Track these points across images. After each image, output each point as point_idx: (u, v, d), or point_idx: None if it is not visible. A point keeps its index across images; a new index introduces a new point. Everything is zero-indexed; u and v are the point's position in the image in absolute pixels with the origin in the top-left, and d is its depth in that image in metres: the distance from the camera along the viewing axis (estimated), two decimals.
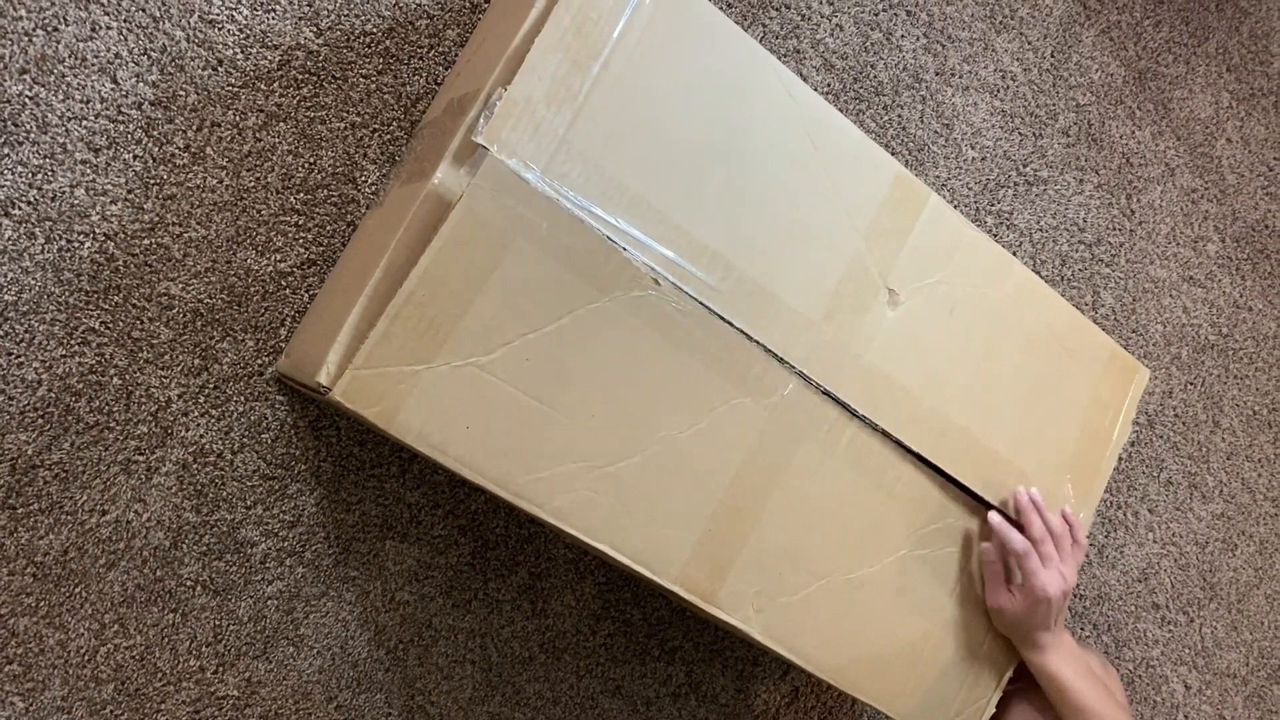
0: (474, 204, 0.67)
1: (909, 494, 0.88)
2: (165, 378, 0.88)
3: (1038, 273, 1.29)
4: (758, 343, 0.79)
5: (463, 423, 0.70)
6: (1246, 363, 1.44)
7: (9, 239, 0.83)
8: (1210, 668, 1.41)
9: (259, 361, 0.91)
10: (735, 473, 0.79)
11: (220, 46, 0.89)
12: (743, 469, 0.79)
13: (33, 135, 0.83)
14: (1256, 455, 1.45)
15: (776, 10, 1.13)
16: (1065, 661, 0.90)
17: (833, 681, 0.86)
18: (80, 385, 0.85)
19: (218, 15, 0.89)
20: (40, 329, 0.84)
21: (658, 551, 0.77)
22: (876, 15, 1.19)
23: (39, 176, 0.83)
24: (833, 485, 0.83)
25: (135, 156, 0.86)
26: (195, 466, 0.89)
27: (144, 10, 0.86)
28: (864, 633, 0.87)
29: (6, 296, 0.83)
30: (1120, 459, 1.35)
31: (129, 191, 0.86)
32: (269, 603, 0.92)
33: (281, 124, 0.91)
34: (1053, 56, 1.31)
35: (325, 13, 0.92)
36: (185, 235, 0.88)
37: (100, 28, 0.85)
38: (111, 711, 0.87)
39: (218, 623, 0.91)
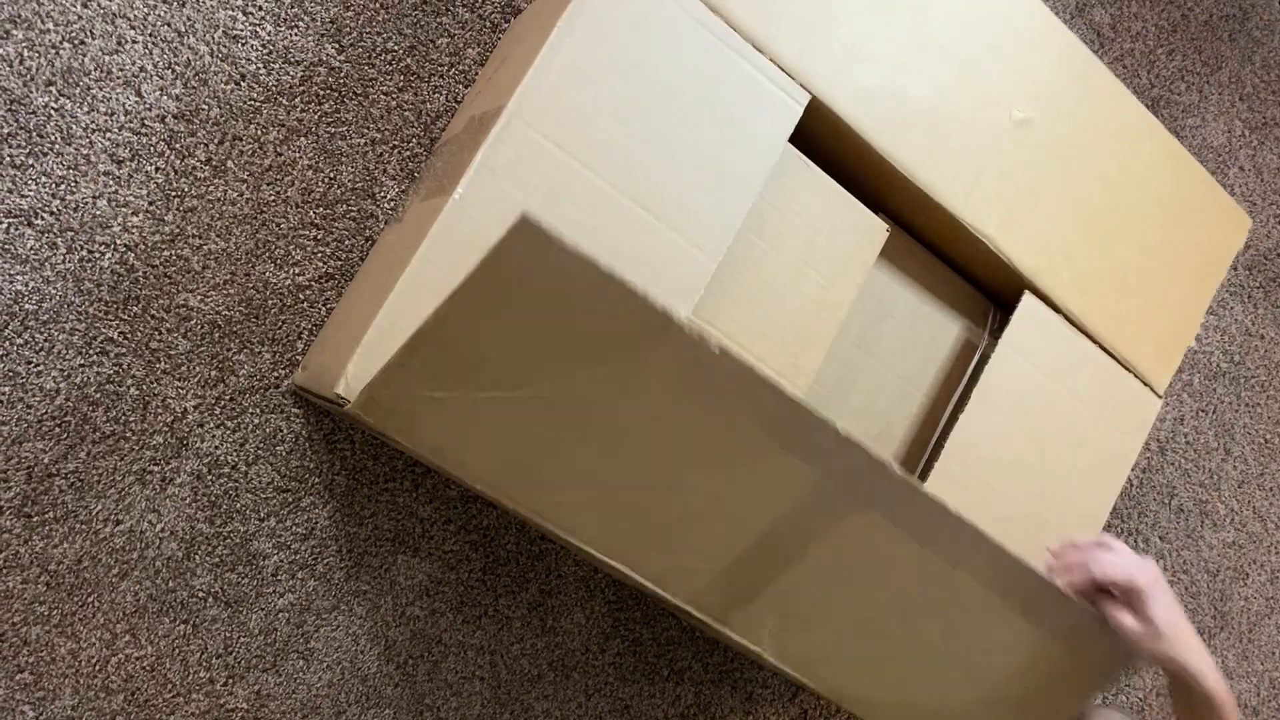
0: (514, 244, 0.63)
1: (977, 568, 0.79)
2: (182, 389, 0.88)
3: None
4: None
5: (481, 440, 0.70)
6: (1258, 390, 1.44)
7: (31, 248, 0.83)
8: None
9: (275, 374, 0.91)
10: (772, 523, 0.74)
11: (243, 61, 0.90)
12: (782, 521, 0.74)
13: (57, 146, 0.84)
14: (1268, 483, 1.44)
15: None
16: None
17: (844, 704, 0.86)
18: (98, 395, 0.86)
19: (241, 31, 0.90)
20: (60, 338, 0.84)
21: (676, 575, 0.75)
22: None
23: (62, 187, 0.84)
24: (887, 551, 0.77)
25: (157, 169, 0.87)
26: (210, 478, 0.89)
27: (169, 25, 0.87)
28: (890, 674, 0.83)
29: (27, 305, 0.83)
30: (1131, 485, 1.34)
31: (150, 203, 0.87)
32: (280, 615, 0.92)
33: (302, 139, 0.92)
34: None
35: (348, 30, 0.93)
36: (205, 247, 0.89)
37: (126, 41, 0.86)
38: None
39: (228, 635, 0.91)
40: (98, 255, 0.85)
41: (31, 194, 0.83)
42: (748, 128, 0.80)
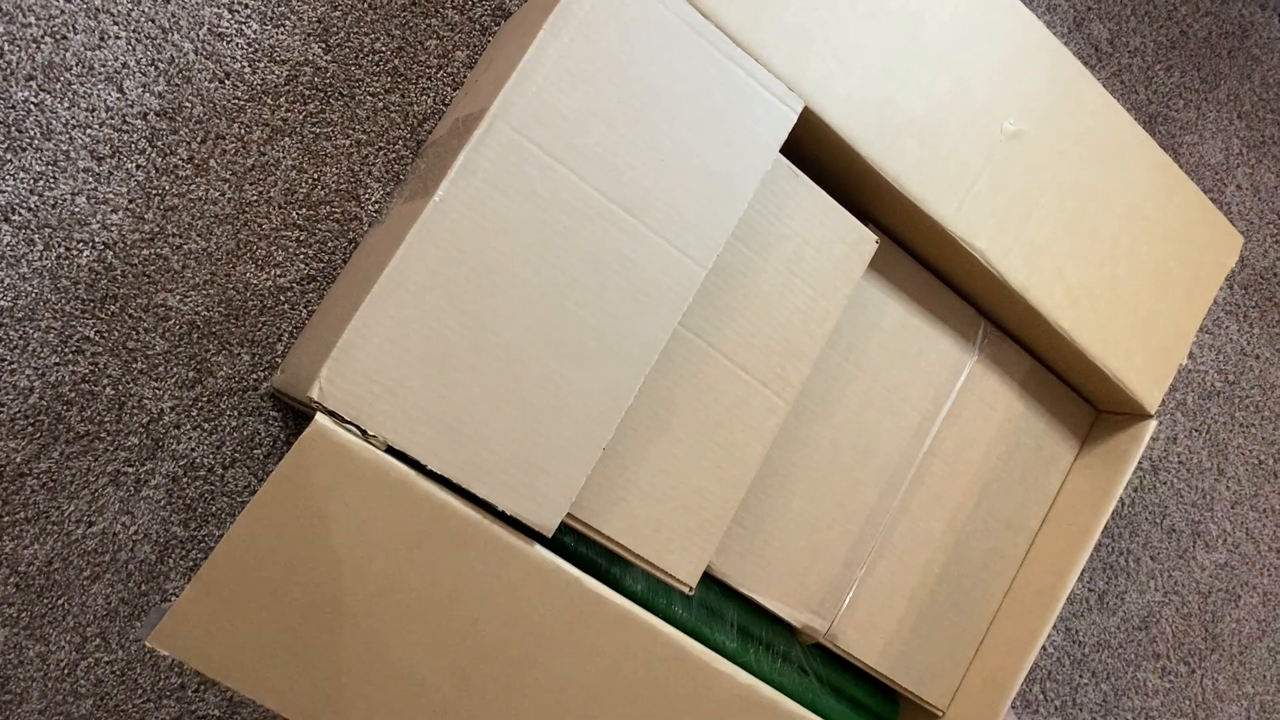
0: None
1: None
2: (159, 389, 0.87)
3: None
4: None
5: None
6: (1253, 411, 1.43)
7: (8, 244, 0.82)
8: None
9: (254, 376, 0.90)
10: None
11: (228, 59, 0.89)
12: None
13: (36, 141, 0.83)
14: (1261, 505, 1.43)
15: None
16: None
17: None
18: (72, 394, 0.84)
19: (227, 28, 0.89)
20: (35, 336, 0.83)
21: None
22: None
23: (41, 183, 0.83)
24: None
25: (138, 166, 0.86)
26: (185, 480, 0.88)
27: (153, 21, 0.86)
28: None
29: (2, 302, 0.82)
30: (1123, 504, 1.33)
31: (130, 201, 0.86)
32: None
33: (286, 139, 0.91)
34: None
35: (335, 30, 0.92)
36: (185, 247, 0.87)
37: (109, 37, 0.85)
38: None
39: None
40: (75, 253, 0.84)
41: (9, 189, 0.82)
42: (740, 133, 0.79)
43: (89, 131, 0.84)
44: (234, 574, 0.64)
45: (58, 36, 0.84)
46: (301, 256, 0.91)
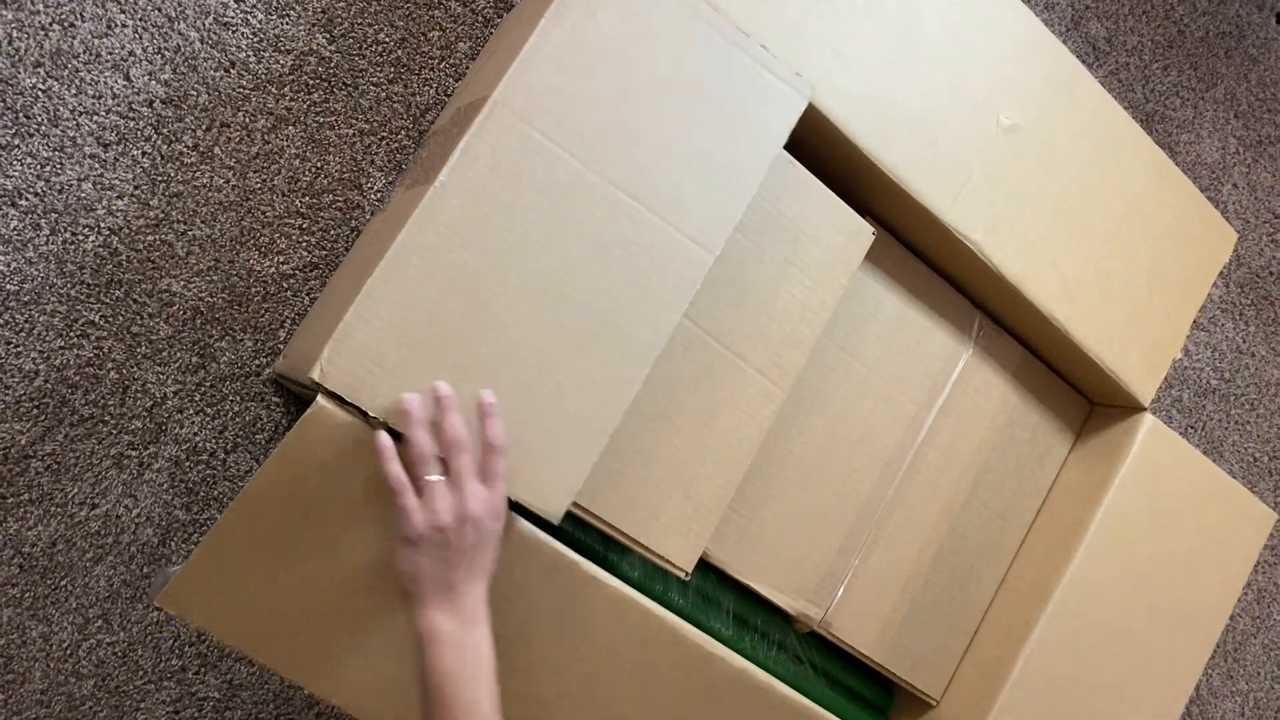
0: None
1: None
2: (162, 374, 0.88)
3: None
4: None
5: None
6: (1248, 409, 1.44)
7: (14, 229, 0.83)
8: (1205, 716, 1.39)
9: (256, 362, 0.91)
10: None
11: (233, 49, 0.90)
12: None
13: (43, 128, 0.84)
14: None
15: None
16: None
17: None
18: (77, 378, 0.85)
19: (232, 18, 0.90)
20: (40, 320, 0.84)
21: None
22: None
23: (47, 168, 0.84)
24: None
25: (144, 153, 0.87)
26: (188, 464, 0.89)
27: (160, 10, 0.87)
28: None
29: (8, 286, 0.83)
30: None
31: (136, 187, 0.87)
32: None
33: (290, 128, 0.92)
34: None
35: (339, 20, 0.93)
36: (189, 233, 0.88)
37: (116, 25, 0.86)
38: (90, 708, 0.87)
39: None
40: (81, 238, 0.85)
41: (16, 174, 0.83)
42: (746, 120, 0.80)
43: (95, 118, 0.85)
44: (237, 542, 0.66)
45: (66, 24, 0.85)
46: (304, 244, 0.92)
